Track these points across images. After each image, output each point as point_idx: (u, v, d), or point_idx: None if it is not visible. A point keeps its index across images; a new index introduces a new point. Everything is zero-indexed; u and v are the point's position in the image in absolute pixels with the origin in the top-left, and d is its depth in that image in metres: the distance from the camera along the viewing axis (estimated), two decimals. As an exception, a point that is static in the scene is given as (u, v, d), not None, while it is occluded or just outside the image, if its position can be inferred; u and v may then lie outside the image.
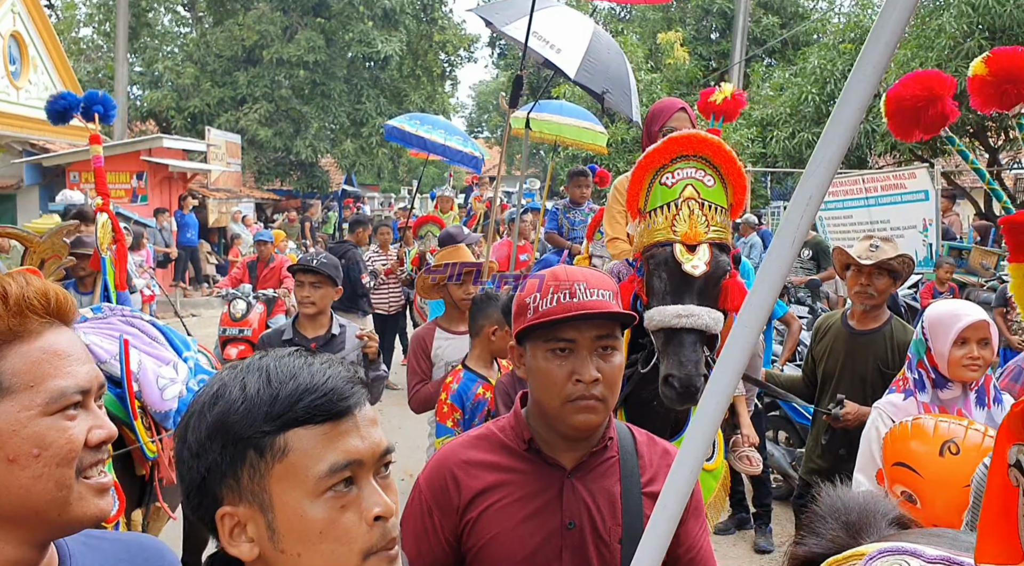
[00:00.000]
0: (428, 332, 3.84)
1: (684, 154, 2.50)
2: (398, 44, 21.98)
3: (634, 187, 2.61)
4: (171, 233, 13.93)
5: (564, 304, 1.50)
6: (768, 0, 20.17)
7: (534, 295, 1.54)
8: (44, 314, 1.00)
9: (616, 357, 1.52)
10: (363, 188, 30.67)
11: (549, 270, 1.59)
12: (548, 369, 1.50)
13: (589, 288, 1.51)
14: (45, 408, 0.97)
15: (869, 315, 3.50)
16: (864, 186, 8.79)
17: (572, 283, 1.51)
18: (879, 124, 11.73)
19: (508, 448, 1.58)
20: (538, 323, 1.51)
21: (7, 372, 0.96)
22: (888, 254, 3.35)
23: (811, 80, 13.21)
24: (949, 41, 10.27)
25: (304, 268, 3.65)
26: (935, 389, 2.61)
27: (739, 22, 16.77)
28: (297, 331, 3.66)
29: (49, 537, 1.01)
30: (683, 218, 2.43)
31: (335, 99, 22.55)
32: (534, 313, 1.53)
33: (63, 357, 1.00)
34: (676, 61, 17.46)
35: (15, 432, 0.95)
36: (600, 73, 4.80)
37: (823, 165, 0.89)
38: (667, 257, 2.44)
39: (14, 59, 12.09)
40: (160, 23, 24.34)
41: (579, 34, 4.85)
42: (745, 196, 2.59)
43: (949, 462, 2.17)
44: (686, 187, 2.46)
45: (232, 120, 21.48)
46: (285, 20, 22.05)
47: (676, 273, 2.43)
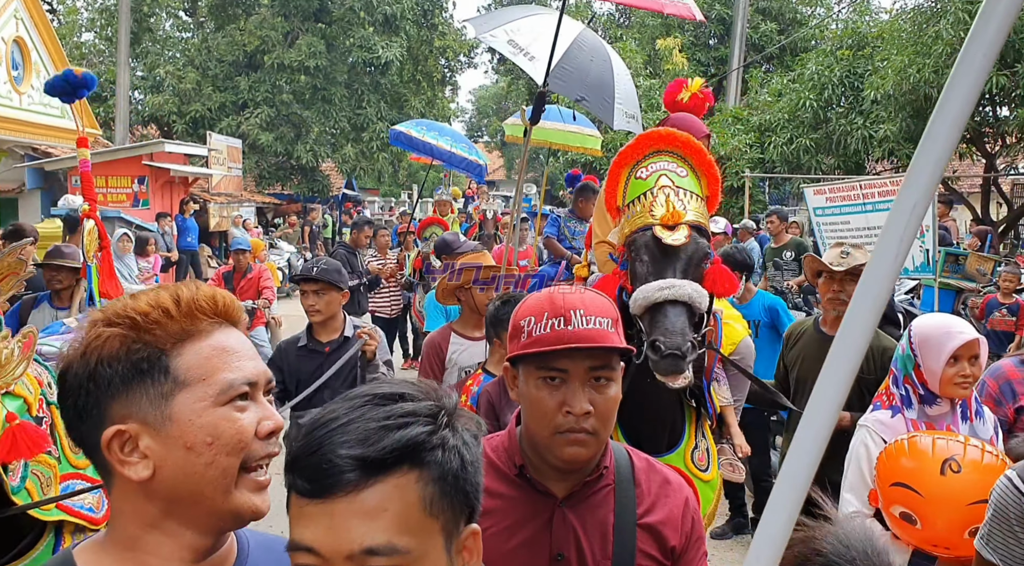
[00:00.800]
0: (443, 337, 3.84)
1: (656, 149, 2.57)
2: (399, 49, 22.06)
3: (611, 185, 2.65)
4: (172, 237, 13.97)
5: (558, 332, 1.43)
6: (766, 7, 20.25)
7: (529, 318, 1.48)
8: (213, 315, 1.09)
9: (611, 389, 1.45)
10: (364, 192, 30.72)
11: (546, 293, 1.52)
12: (539, 398, 1.44)
13: (586, 315, 1.44)
14: (217, 399, 1.05)
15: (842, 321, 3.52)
16: (861, 192, 8.82)
17: (568, 310, 1.44)
18: (876, 129, 11.81)
19: (499, 471, 1.52)
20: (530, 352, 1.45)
21: (182, 367, 1.05)
22: (859, 261, 3.35)
23: (809, 86, 13.28)
24: (946, 48, 10.34)
25: (305, 277, 3.68)
26: (922, 405, 2.57)
27: (737, 28, 16.86)
28: (312, 337, 3.71)
29: (216, 526, 1.07)
30: (660, 203, 2.46)
31: (336, 104, 22.63)
32: (527, 338, 1.47)
33: (231, 353, 1.08)
34: (675, 67, 17.55)
35: (191, 421, 1.03)
36: (577, 80, 4.82)
37: (929, 167, 0.84)
38: (647, 239, 2.46)
39: (16, 64, 12.16)
40: (162, 28, 24.43)
41: (560, 43, 4.87)
42: (718, 189, 2.62)
43: (951, 480, 2.12)
44: (660, 176, 2.51)
45: (233, 124, 21.55)
46: (286, 25, 22.13)
47: (657, 251, 2.44)
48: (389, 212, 27.02)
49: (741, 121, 15.19)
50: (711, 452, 2.75)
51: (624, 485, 1.52)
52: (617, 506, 1.50)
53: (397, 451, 0.88)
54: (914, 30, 11.32)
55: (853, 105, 12.84)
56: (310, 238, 19.01)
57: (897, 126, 11.38)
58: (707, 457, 2.72)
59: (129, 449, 1.03)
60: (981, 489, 2.06)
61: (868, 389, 3.29)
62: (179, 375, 1.04)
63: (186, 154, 16.29)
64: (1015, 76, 10.14)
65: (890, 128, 11.45)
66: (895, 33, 11.97)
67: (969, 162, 14.86)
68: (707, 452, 2.72)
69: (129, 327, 1.04)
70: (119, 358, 1.03)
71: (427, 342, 3.93)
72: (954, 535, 2.12)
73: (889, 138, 11.51)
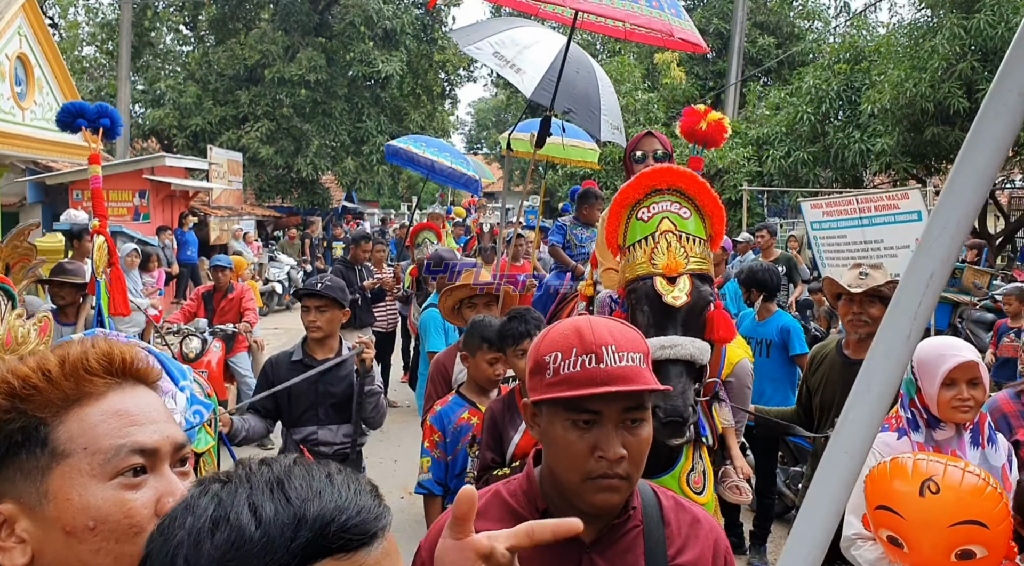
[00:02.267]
0: (449, 357, 3.80)
1: (657, 188, 2.50)
2: (398, 63, 22.18)
3: (612, 223, 2.60)
4: (172, 251, 14.02)
5: (589, 371, 1.31)
6: (764, 21, 20.38)
7: (554, 354, 1.35)
8: (107, 375, 0.94)
9: (644, 429, 1.34)
10: (363, 204, 30.83)
11: (572, 326, 1.38)
12: (567, 441, 1.32)
13: (619, 351, 1.32)
14: (99, 472, 0.89)
15: (864, 344, 3.41)
16: (858, 206, 8.87)
17: (600, 345, 1.32)
18: (873, 143, 11.88)
19: (520, 517, 1.38)
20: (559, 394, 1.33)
21: (62, 437, 0.90)
22: (878, 281, 3.31)
23: (806, 100, 13.37)
24: (942, 63, 10.42)
25: (309, 292, 3.62)
26: (929, 429, 2.52)
27: (735, 42, 16.96)
28: (307, 353, 3.64)
29: None
30: (661, 251, 2.43)
31: (336, 117, 22.73)
32: (554, 376, 1.34)
33: (124, 417, 0.92)
34: (673, 81, 17.65)
35: (69, 500, 0.88)
36: (562, 92, 4.82)
37: (950, 228, 0.70)
38: (648, 290, 2.43)
39: (20, 80, 12.23)
40: (163, 42, 24.56)
41: (543, 54, 4.92)
42: (723, 226, 2.56)
43: (930, 502, 2.09)
44: (662, 220, 2.46)
45: (234, 138, 21.64)
46: (287, 40, 22.26)
47: (658, 305, 2.42)
48: (388, 224, 27.09)
49: (739, 134, 15.28)
50: (707, 474, 2.73)
51: (653, 526, 1.43)
52: (647, 549, 1.41)
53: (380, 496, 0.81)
54: (911, 45, 11.41)
55: (850, 119, 12.92)
56: (311, 251, 19.04)
57: (894, 139, 11.45)
58: (703, 479, 2.70)
59: (6, 533, 0.89)
60: (961, 510, 2.04)
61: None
62: (58, 446, 0.89)
63: (187, 168, 16.35)
64: (1010, 90, 10.21)
65: (887, 141, 11.52)
66: (892, 47, 12.06)
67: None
68: (703, 474, 2.70)
69: (5, 394, 0.90)
70: None
71: (435, 362, 3.91)
72: (940, 558, 2.07)
73: (886, 151, 11.58)
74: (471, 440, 3.11)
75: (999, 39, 10.16)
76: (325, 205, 24.88)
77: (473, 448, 3.12)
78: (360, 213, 27.48)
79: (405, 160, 8.62)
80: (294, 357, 3.63)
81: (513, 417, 2.90)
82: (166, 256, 13.68)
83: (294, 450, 3.50)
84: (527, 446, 2.81)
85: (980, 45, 10.36)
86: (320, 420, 3.52)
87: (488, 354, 3.14)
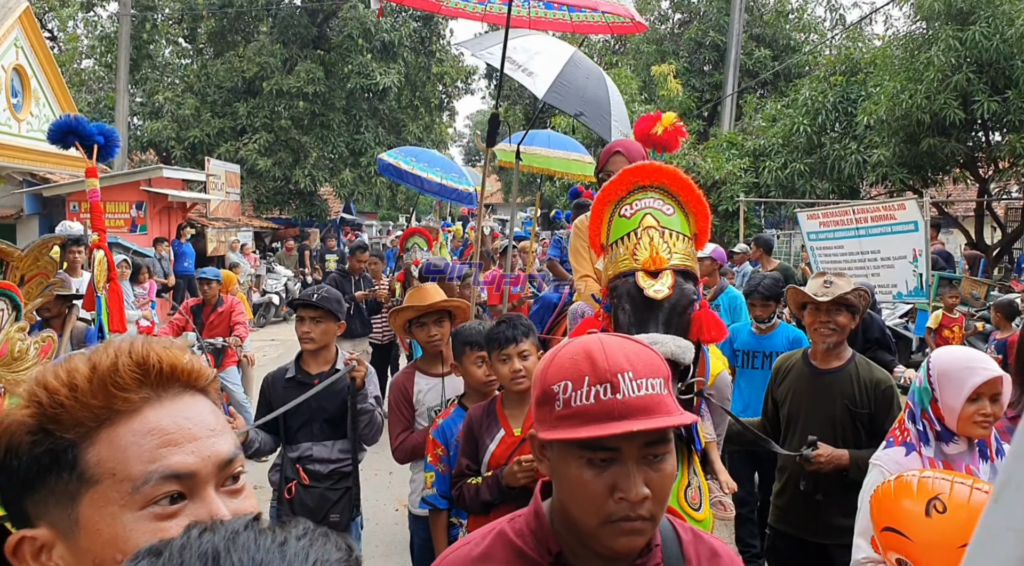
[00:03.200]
0: (407, 377, 3.66)
1: (641, 185, 2.43)
2: (396, 76, 22.25)
3: (594, 223, 2.52)
4: (169, 263, 14.01)
5: (605, 403, 1.16)
6: (760, 33, 20.48)
7: (563, 384, 1.20)
8: (140, 387, 0.84)
9: (668, 463, 1.21)
10: (361, 216, 30.86)
11: (583, 348, 1.23)
12: (582, 481, 1.18)
13: (636, 378, 1.18)
14: (128, 501, 0.80)
15: (832, 353, 3.38)
16: (855, 217, 8.88)
17: (616, 373, 1.17)
18: (870, 154, 11.90)
19: (530, 560, 1.27)
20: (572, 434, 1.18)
21: (92, 461, 0.81)
22: (843, 289, 3.27)
23: (803, 111, 13.41)
24: (938, 74, 10.46)
25: (304, 303, 3.55)
26: (939, 443, 2.40)
27: (731, 55, 17.02)
28: (300, 368, 3.58)
29: None
30: (644, 246, 2.34)
31: (334, 129, 22.78)
32: (564, 408, 1.19)
33: (157, 436, 0.82)
34: (670, 93, 17.71)
35: (99, 531, 0.80)
36: (574, 95, 4.86)
37: None
38: (629, 287, 2.34)
39: (16, 92, 12.25)
40: (161, 55, 24.62)
41: (554, 59, 4.96)
42: (707, 224, 2.47)
43: (937, 522, 1.97)
44: (645, 216, 2.38)
45: (232, 150, 21.67)
46: (285, 52, 22.34)
47: (639, 301, 2.33)
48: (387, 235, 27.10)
49: (736, 146, 15.31)
50: (703, 490, 2.66)
51: (673, 562, 1.32)
52: None
53: (356, 559, 0.67)
54: (906, 57, 11.46)
55: (847, 130, 12.96)
56: (309, 262, 19.02)
57: (890, 151, 11.48)
58: (699, 495, 2.62)
59: (45, 557, 0.82)
60: (970, 530, 1.88)
61: (862, 423, 3.26)
62: (86, 471, 0.81)
63: (184, 179, 16.37)
64: (1006, 102, 10.24)
65: (883, 153, 11.55)
66: (887, 59, 12.11)
67: (963, 187, 14.97)
68: (699, 490, 2.63)
69: (36, 410, 0.82)
70: (21, 450, 0.82)
71: (392, 385, 3.71)
72: None
73: (883, 163, 11.61)
74: None
75: (994, 51, 10.20)
76: (323, 217, 24.90)
77: None
78: (358, 225, 27.50)
79: (396, 174, 8.55)
80: (288, 374, 3.57)
81: (490, 425, 2.85)
82: (163, 268, 13.67)
83: (290, 469, 3.46)
84: (502, 456, 2.78)
85: (975, 57, 10.40)
86: (315, 436, 3.48)
87: (474, 355, 3.10)
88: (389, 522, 5.55)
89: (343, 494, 3.49)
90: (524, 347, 2.83)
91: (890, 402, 3.25)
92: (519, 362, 2.80)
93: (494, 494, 2.71)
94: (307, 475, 3.43)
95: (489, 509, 2.74)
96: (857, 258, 8.83)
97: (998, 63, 10.32)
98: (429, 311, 3.61)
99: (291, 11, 22.82)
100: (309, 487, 3.43)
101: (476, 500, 2.76)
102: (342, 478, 3.50)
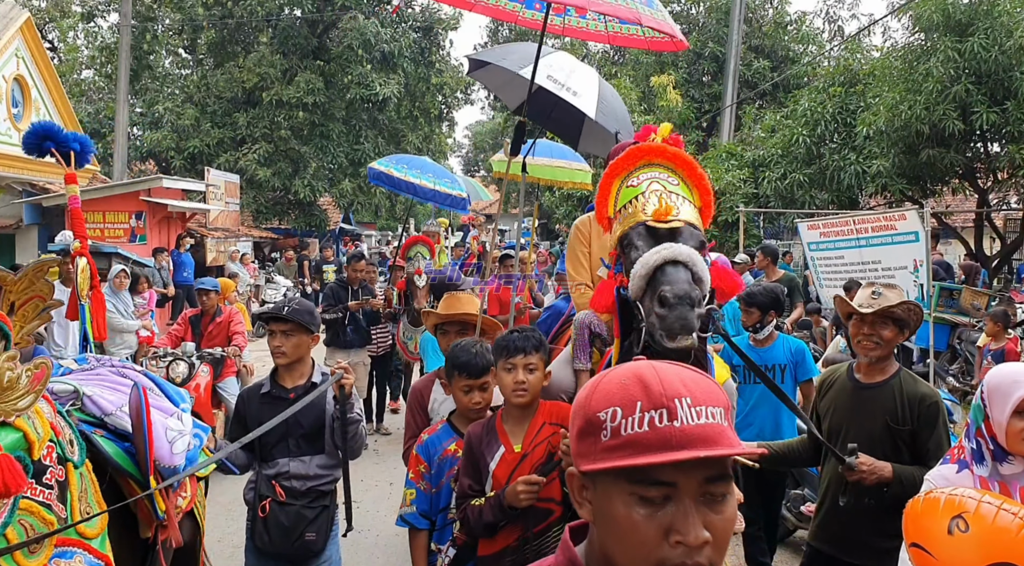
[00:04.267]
0: (426, 385, 3.61)
1: (648, 161, 2.47)
2: (396, 86, 22.31)
3: (601, 199, 2.51)
4: (169, 272, 13.99)
5: (661, 431, 1.03)
6: (759, 44, 20.56)
7: (612, 411, 1.06)
8: None
9: (729, 504, 1.07)
10: (361, 226, 30.88)
11: (632, 372, 1.10)
12: (632, 522, 1.04)
13: (695, 405, 1.05)
14: None
15: (875, 367, 3.22)
16: (855, 227, 8.89)
17: (672, 398, 1.05)
18: (869, 165, 11.92)
19: None
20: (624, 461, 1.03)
21: None
22: (891, 301, 3.10)
23: (802, 122, 13.43)
24: (936, 85, 10.47)
25: (274, 316, 3.41)
26: (995, 462, 2.29)
27: (730, 66, 17.07)
28: (276, 383, 3.46)
29: None
30: (652, 202, 2.33)
31: (334, 140, 22.83)
32: (612, 437, 1.05)
33: None
34: (669, 103, 17.76)
35: None
36: (611, 114, 4.95)
37: None
38: (640, 230, 2.32)
39: (16, 102, 12.27)
40: (161, 65, 24.69)
41: (589, 78, 5.05)
42: (711, 203, 2.49)
43: (959, 541, 1.92)
44: (651, 183, 2.40)
45: (231, 160, 21.70)
46: (285, 63, 22.40)
47: (652, 239, 2.28)
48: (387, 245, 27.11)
49: (735, 156, 15.33)
50: None
51: None
52: None
53: None
54: (905, 67, 11.48)
55: (846, 141, 12.97)
56: (310, 272, 18.99)
57: (890, 161, 11.49)
58: None
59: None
60: (991, 551, 1.88)
61: (903, 441, 3.10)
62: None
63: (184, 189, 16.37)
64: (1005, 113, 10.26)
65: (883, 163, 11.56)
66: (886, 70, 12.13)
67: (962, 197, 14.99)
68: None
69: None
70: None
71: (411, 390, 3.71)
72: None
73: (882, 173, 11.61)
74: (457, 474, 2.95)
75: (993, 62, 10.23)
76: (322, 227, 24.92)
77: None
78: (357, 235, 27.51)
79: (388, 182, 8.41)
80: (264, 389, 3.46)
81: (490, 442, 2.76)
82: (162, 277, 13.65)
83: (265, 486, 3.32)
84: (503, 475, 2.69)
85: (974, 68, 10.43)
86: (291, 452, 3.34)
87: (461, 382, 2.94)
88: (390, 534, 5.52)
89: (320, 512, 3.36)
90: (532, 360, 2.75)
91: (934, 419, 3.09)
92: (523, 374, 2.73)
93: (497, 515, 2.64)
94: (283, 491, 3.30)
95: (495, 531, 2.68)
96: (857, 268, 8.83)
97: (997, 74, 10.34)
98: (456, 321, 3.61)
99: (291, 22, 22.90)
100: (284, 504, 3.29)
101: (480, 522, 2.68)
102: (319, 496, 3.37)
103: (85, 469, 2.28)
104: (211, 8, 22.08)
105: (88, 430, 2.49)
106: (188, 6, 22.31)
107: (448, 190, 8.38)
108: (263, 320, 3.50)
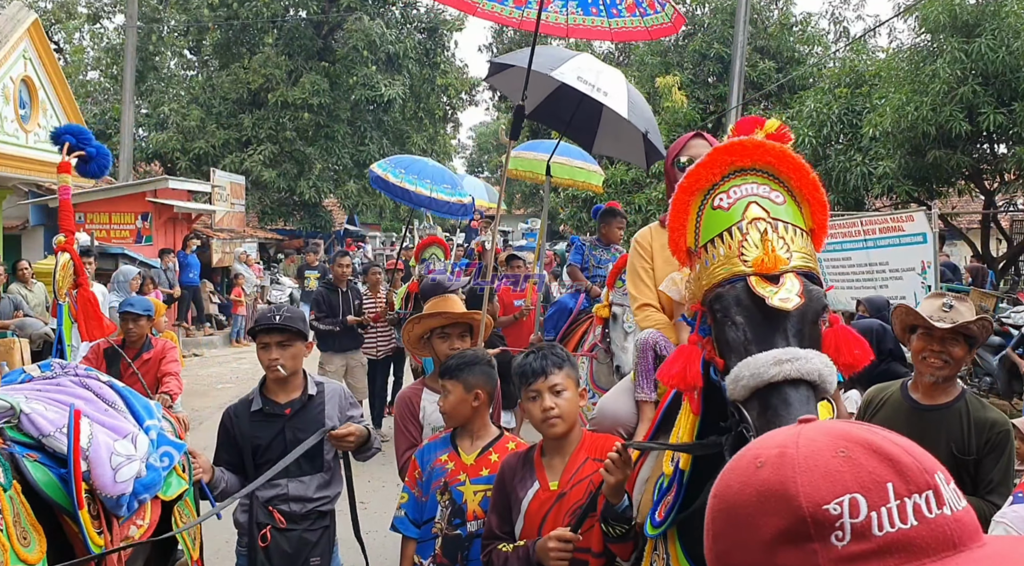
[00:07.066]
0: (415, 392, 3.40)
1: (740, 168, 1.85)
2: (401, 88, 22.34)
3: (676, 221, 1.91)
4: (175, 273, 14.03)
5: (933, 523, 0.71)
6: (764, 45, 20.53)
7: (847, 499, 0.71)
8: None
9: None
10: (365, 228, 30.90)
11: (844, 435, 0.76)
12: None
13: (949, 482, 0.75)
14: None
15: (939, 388, 2.86)
16: (862, 228, 8.86)
17: (932, 472, 0.74)
18: (875, 166, 11.89)
19: None
20: None
21: None
22: (966, 316, 2.76)
23: (807, 123, 13.40)
24: (943, 86, 10.45)
25: (268, 327, 3.09)
26: None
27: (736, 67, 17.04)
28: (266, 398, 3.17)
29: None
30: (753, 243, 1.75)
31: (339, 141, 22.86)
32: (857, 540, 0.70)
33: None
34: (674, 104, 17.75)
35: None
36: (639, 115, 4.98)
37: None
38: (740, 295, 1.74)
39: (24, 103, 12.28)
40: (167, 67, 24.76)
41: (617, 79, 5.07)
42: (827, 217, 1.89)
43: None
44: (749, 206, 1.79)
45: (237, 161, 21.74)
46: (290, 64, 22.43)
47: (758, 314, 1.73)
48: (391, 247, 27.11)
49: (741, 158, 15.30)
50: None
51: None
52: None
53: None
54: (911, 69, 11.45)
55: (852, 142, 12.94)
56: (297, 274, 18.94)
57: (896, 163, 11.46)
58: None
59: None
60: None
61: (968, 472, 2.78)
62: None
63: (189, 191, 16.41)
64: (1012, 115, 10.24)
65: (889, 165, 11.53)
66: (892, 71, 12.11)
67: (968, 198, 14.95)
68: None
69: None
70: None
71: (399, 398, 3.46)
72: None
73: (888, 175, 11.58)
74: (443, 486, 2.76)
75: (1000, 63, 10.20)
76: (327, 228, 24.96)
77: (443, 497, 2.77)
78: (362, 236, 27.54)
79: (385, 188, 8.26)
80: (254, 407, 3.16)
81: (525, 476, 2.47)
82: (168, 279, 13.68)
83: (262, 512, 3.09)
84: (536, 514, 2.41)
85: (981, 69, 10.40)
86: (290, 472, 3.06)
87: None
88: (397, 535, 5.51)
89: (322, 534, 3.18)
90: (556, 380, 2.40)
91: (1004, 447, 2.77)
92: (550, 399, 2.39)
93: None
94: (282, 517, 3.09)
95: None
96: (865, 270, 8.81)
97: (1004, 75, 10.31)
98: (454, 322, 3.38)
99: (296, 23, 22.95)
100: (285, 530, 3.08)
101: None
102: (320, 517, 3.17)
103: (14, 492, 2.13)
104: (216, 9, 22.13)
105: (20, 452, 2.28)
106: (194, 7, 22.37)
107: (447, 197, 8.19)
108: (253, 334, 3.18)
